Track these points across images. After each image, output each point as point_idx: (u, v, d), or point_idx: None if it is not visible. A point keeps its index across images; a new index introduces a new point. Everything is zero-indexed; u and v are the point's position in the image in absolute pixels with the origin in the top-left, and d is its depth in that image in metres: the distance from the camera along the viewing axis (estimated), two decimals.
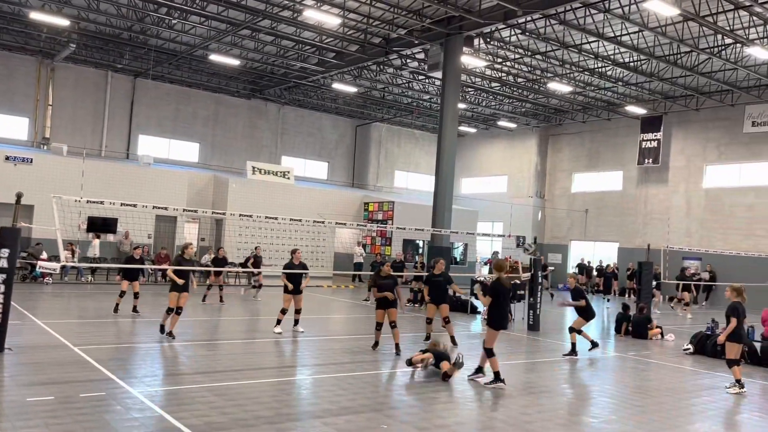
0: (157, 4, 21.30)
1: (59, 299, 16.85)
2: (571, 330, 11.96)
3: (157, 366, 9.13)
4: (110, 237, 24.25)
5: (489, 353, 8.74)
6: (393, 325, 11.05)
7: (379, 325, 11.21)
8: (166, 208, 11.87)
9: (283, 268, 12.54)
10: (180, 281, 11.37)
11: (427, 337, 12.40)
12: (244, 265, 23.74)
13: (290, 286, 12.41)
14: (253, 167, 28.65)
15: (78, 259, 19.95)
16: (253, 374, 9.00)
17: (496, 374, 8.70)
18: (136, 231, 22.67)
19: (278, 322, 12.60)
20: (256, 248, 19.72)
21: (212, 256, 22.50)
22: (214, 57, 25.64)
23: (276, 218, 13.17)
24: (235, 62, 26.35)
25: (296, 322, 12.82)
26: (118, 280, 14.47)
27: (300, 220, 13.67)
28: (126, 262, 14.97)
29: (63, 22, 22.08)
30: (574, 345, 11.81)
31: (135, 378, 8.16)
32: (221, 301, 17.41)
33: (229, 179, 27.75)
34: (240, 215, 13.12)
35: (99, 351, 9.75)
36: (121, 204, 10.68)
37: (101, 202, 10.69)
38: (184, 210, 12.60)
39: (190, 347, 10.74)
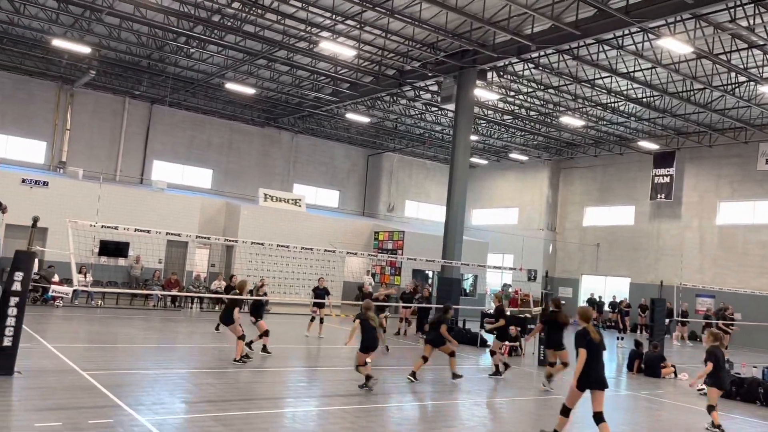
0: (176, 33, 21.73)
1: (69, 323, 16.87)
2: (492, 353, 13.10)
3: (165, 393, 9.08)
4: (121, 261, 24.35)
5: (563, 411, 7.80)
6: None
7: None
8: (179, 235, 11.90)
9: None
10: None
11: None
12: (251, 293, 23.71)
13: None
14: (265, 194, 28.84)
15: (90, 283, 19.99)
16: (261, 404, 8.92)
17: None
18: (148, 256, 22.75)
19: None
20: (320, 280, 17.61)
21: (222, 282, 22.54)
22: (230, 85, 26.03)
23: (287, 246, 13.18)
24: (250, 91, 26.72)
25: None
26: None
27: (311, 249, 13.68)
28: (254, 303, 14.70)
29: (84, 49, 22.54)
30: (497, 367, 12.75)
31: (143, 405, 8.11)
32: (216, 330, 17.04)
33: (240, 206, 27.88)
34: (252, 242, 13.13)
35: (108, 377, 9.72)
36: (135, 230, 10.74)
37: (116, 228, 10.76)
38: (197, 236, 12.64)
39: (199, 375, 10.68)
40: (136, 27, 21.65)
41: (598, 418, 7.45)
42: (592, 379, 7.51)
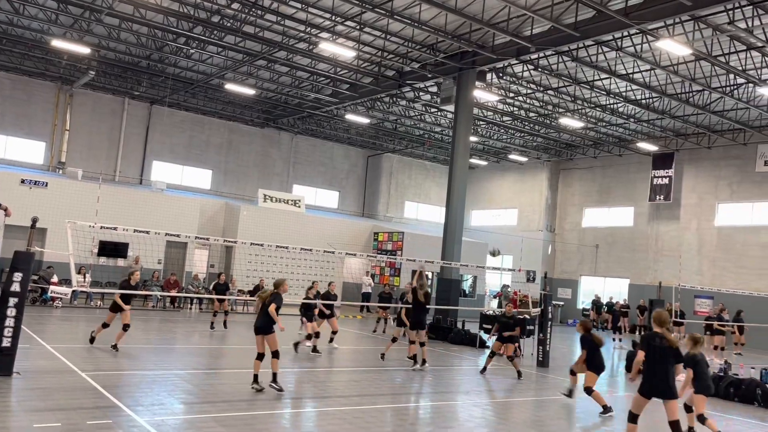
0: (175, 34, 21.74)
1: (68, 323, 16.87)
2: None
3: (164, 394, 9.08)
4: (120, 261, 24.36)
5: (630, 418, 7.67)
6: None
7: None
8: (178, 235, 11.92)
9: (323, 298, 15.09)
10: (126, 307, 12.61)
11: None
12: (253, 293, 23.74)
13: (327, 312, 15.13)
14: (265, 195, 28.86)
15: (89, 284, 19.99)
16: (261, 404, 8.93)
17: None
18: (147, 256, 22.76)
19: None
20: (314, 283, 17.26)
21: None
22: (230, 86, 26.04)
23: (287, 247, 13.19)
24: (250, 92, 26.73)
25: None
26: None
27: (311, 250, 13.70)
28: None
29: (84, 50, 22.55)
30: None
31: (142, 406, 8.12)
32: (225, 327, 17.34)
33: (240, 207, 27.91)
34: (251, 243, 13.14)
35: (106, 377, 9.73)
36: (134, 231, 10.75)
37: (114, 228, 10.77)
38: (196, 237, 12.67)
39: (198, 375, 10.69)
40: (136, 27, 21.67)
41: (674, 427, 7.35)
42: (652, 386, 7.37)
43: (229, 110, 31.85)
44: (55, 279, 20.26)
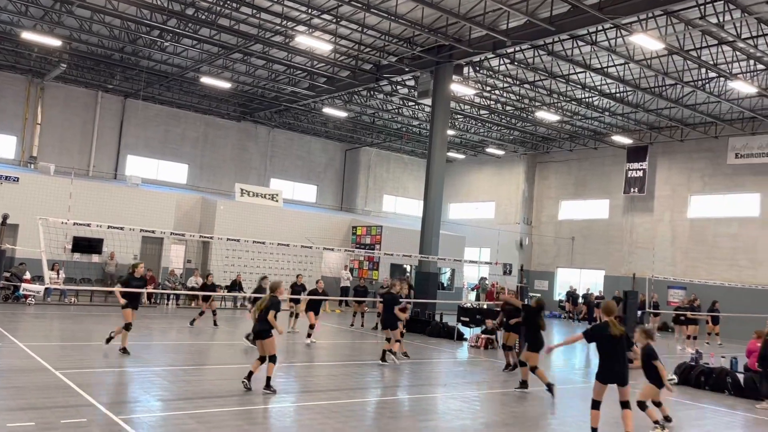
0: (149, 27, 21.44)
1: (42, 321, 16.62)
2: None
3: (140, 391, 9.01)
4: (95, 257, 24.04)
5: (593, 405, 7.89)
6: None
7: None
8: (153, 232, 11.80)
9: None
10: (123, 301, 11.80)
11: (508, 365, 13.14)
12: (230, 288, 23.62)
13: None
14: (242, 189, 28.66)
15: (62, 281, 19.70)
16: (237, 400, 8.90)
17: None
18: (122, 252, 22.50)
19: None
20: (298, 276, 17.79)
21: (198, 279, 22.40)
22: (205, 79, 25.76)
23: (264, 242, 13.14)
24: (226, 85, 26.47)
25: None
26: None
27: (288, 245, 13.67)
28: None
29: (55, 42, 22.12)
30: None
31: (117, 404, 8.05)
32: (215, 324, 17.13)
33: (217, 201, 27.67)
34: (228, 239, 13.06)
35: (81, 375, 9.61)
36: (108, 227, 10.62)
37: (88, 225, 10.62)
38: (171, 233, 12.55)
39: (175, 372, 10.62)
40: (108, 19, 21.32)
41: (624, 405, 7.84)
42: (609, 373, 7.76)
43: (205, 104, 31.52)
44: (27, 276, 19.91)
